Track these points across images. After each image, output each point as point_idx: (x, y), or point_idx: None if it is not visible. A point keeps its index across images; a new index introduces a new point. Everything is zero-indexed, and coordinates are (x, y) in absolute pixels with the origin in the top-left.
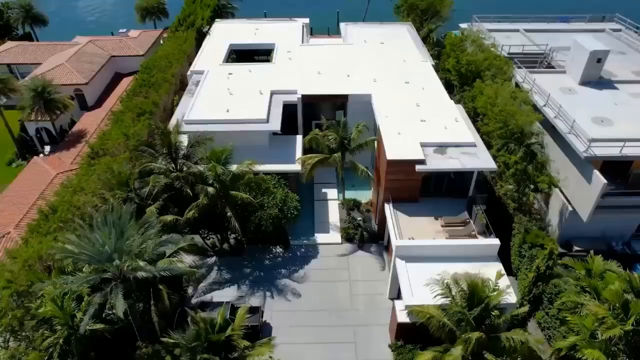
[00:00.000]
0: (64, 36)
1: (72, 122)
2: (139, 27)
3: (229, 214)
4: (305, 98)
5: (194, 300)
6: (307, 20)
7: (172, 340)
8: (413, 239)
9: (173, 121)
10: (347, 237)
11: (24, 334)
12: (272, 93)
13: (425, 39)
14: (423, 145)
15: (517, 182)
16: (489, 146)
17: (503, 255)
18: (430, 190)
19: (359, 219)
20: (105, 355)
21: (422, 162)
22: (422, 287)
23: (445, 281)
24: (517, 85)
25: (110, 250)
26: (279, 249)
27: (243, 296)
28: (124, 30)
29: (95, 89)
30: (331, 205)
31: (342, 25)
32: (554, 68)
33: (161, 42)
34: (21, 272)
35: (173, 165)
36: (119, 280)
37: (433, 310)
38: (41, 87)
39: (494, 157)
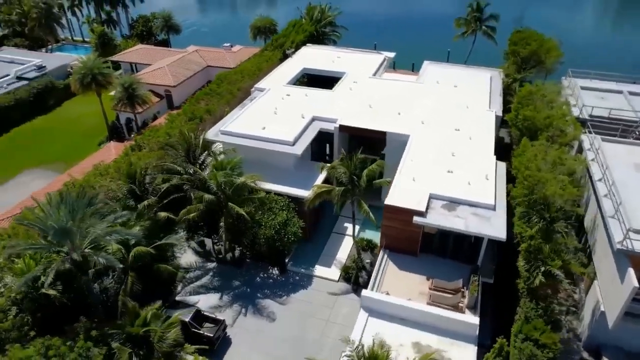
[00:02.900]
0: (189, 44)
1: (155, 117)
2: (251, 44)
3: (221, 223)
4: (343, 128)
5: (178, 298)
6: (391, 54)
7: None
8: (388, 294)
9: (212, 130)
10: (346, 277)
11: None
12: (314, 119)
13: (512, 88)
14: (433, 196)
15: (527, 260)
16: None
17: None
18: (434, 247)
19: (367, 261)
20: (51, 319)
21: (421, 213)
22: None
23: (358, 346)
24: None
25: (57, 227)
26: (276, 271)
27: (221, 306)
28: (228, 44)
29: (183, 91)
30: (346, 241)
31: (424, 63)
32: None
33: None
34: (20, 230)
35: (191, 169)
36: (69, 257)
37: None
38: (128, 83)
39: (512, 226)
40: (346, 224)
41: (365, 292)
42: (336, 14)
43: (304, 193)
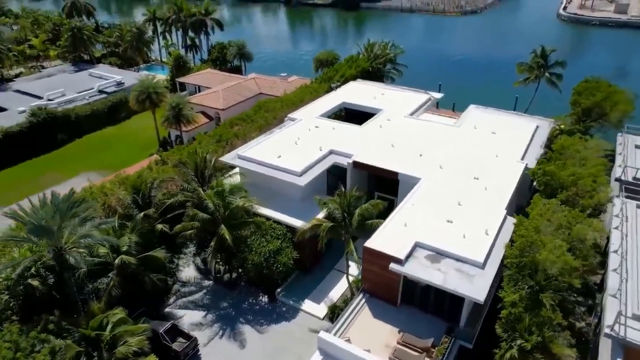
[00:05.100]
0: (262, 71)
1: None
2: (312, 75)
3: (212, 243)
4: (357, 165)
5: (167, 309)
6: (438, 95)
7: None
8: (349, 340)
9: (231, 153)
10: (331, 316)
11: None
12: (331, 152)
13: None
14: (419, 245)
15: (504, 328)
16: None
17: None
18: (416, 299)
19: None
20: (31, 308)
21: (398, 261)
22: None
23: None
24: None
25: (36, 223)
26: (265, 299)
27: (203, 324)
28: (284, 74)
29: (231, 115)
30: (344, 279)
31: (470, 107)
32: None
33: None
34: None
35: (193, 188)
36: (55, 252)
37: None
38: (175, 103)
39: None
40: (351, 262)
41: (322, 334)
42: (398, 52)
43: (296, 222)
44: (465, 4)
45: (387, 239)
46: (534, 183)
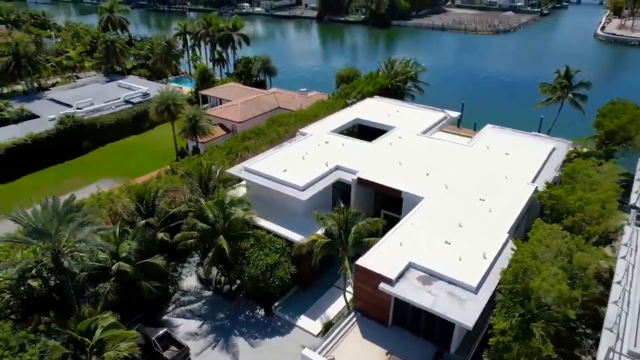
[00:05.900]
0: (287, 86)
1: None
2: (334, 91)
3: (210, 253)
4: (362, 182)
5: (164, 317)
6: (455, 114)
7: None
8: None
9: (238, 166)
10: (325, 334)
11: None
12: (337, 167)
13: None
14: (412, 266)
15: (491, 358)
16: None
17: None
18: (407, 321)
19: None
20: (30, 307)
21: (389, 281)
22: None
23: None
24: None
25: (33, 226)
26: (262, 312)
27: (198, 334)
28: (304, 89)
29: (248, 128)
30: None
31: (486, 126)
32: None
33: None
34: None
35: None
36: (52, 255)
37: None
38: (192, 115)
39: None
40: (349, 280)
41: (306, 352)
42: (419, 70)
43: (294, 236)
44: (498, 24)
45: (381, 257)
46: None
